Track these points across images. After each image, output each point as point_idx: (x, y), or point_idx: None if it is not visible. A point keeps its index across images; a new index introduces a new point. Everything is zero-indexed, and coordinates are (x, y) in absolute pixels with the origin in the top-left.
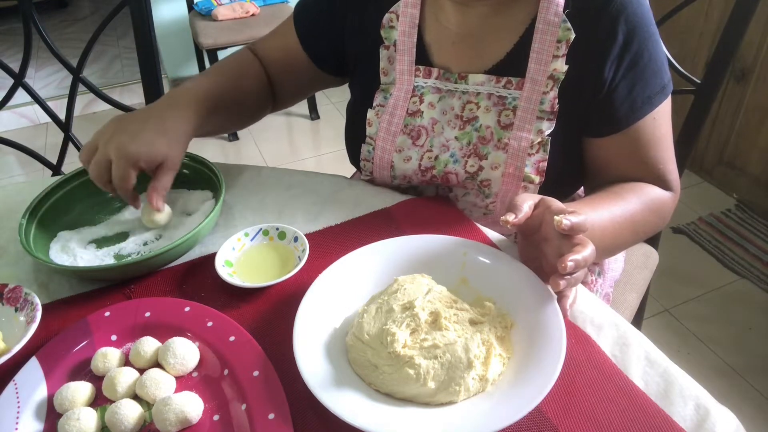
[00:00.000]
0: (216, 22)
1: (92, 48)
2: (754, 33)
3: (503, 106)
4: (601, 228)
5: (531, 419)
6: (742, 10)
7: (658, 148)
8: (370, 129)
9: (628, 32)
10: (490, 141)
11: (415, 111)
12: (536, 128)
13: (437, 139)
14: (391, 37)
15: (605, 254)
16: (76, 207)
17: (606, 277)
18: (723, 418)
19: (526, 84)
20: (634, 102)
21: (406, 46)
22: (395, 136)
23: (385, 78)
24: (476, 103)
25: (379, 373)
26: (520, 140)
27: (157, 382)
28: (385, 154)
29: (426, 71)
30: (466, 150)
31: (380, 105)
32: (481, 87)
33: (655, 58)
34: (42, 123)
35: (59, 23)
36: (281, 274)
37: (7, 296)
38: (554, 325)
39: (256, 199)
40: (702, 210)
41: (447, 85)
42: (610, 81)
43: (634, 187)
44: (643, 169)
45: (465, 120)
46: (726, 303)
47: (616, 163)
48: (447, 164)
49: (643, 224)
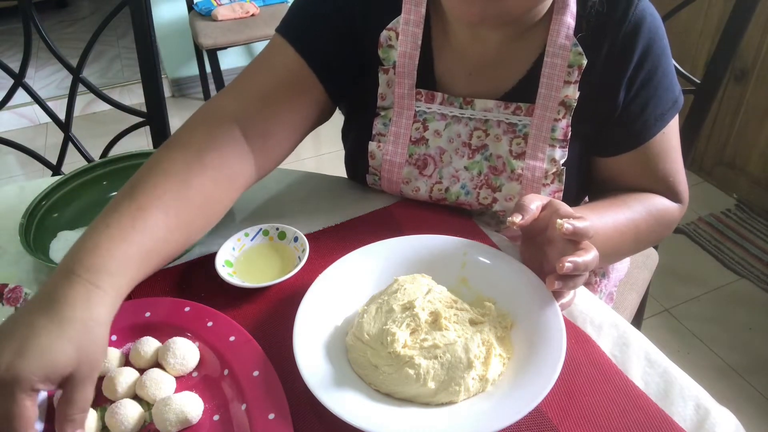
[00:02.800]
0: (216, 22)
1: (92, 48)
2: (754, 33)
3: (514, 133)
4: (604, 235)
5: (531, 419)
6: (742, 10)
7: (667, 160)
8: (374, 161)
9: (644, 49)
10: (503, 172)
11: (419, 138)
12: (549, 157)
13: (446, 170)
14: (390, 58)
15: (606, 261)
16: (76, 207)
17: (611, 277)
18: (723, 418)
19: (536, 110)
20: (647, 121)
21: (407, 69)
22: (400, 167)
23: (383, 102)
24: (485, 130)
25: (379, 373)
26: (534, 170)
27: (157, 382)
28: (392, 185)
29: (428, 96)
30: (477, 181)
31: (380, 134)
32: (490, 114)
33: (668, 72)
34: (42, 123)
35: (59, 23)
36: (281, 274)
37: (7, 296)
38: (554, 325)
39: (256, 199)
40: (702, 210)
41: (452, 111)
42: (623, 100)
43: (640, 197)
44: (653, 183)
45: (474, 148)
46: (726, 303)
47: (625, 177)
48: (459, 196)
49: (647, 234)
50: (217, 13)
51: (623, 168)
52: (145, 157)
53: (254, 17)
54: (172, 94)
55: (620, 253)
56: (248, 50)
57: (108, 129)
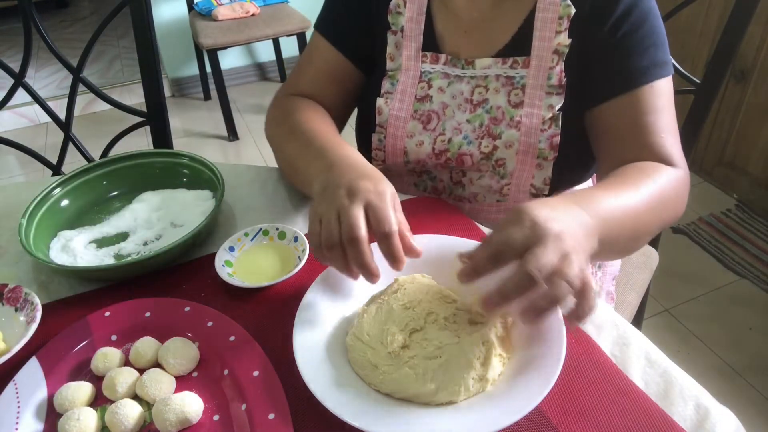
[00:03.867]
0: (216, 22)
1: (92, 48)
2: (754, 33)
3: (512, 86)
4: (610, 219)
5: (531, 419)
6: (742, 10)
7: (657, 116)
8: (380, 117)
9: (629, 5)
10: (502, 120)
11: (424, 96)
12: (546, 104)
13: (449, 123)
14: (398, 23)
15: (618, 245)
16: (76, 207)
17: (606, 271)
18: (723, 418)
19: (532, 61)
20: (632, 67)
21: (413, 33)
22: (406, 122)
23: (392, 64)
24: (485, 86)
25: (379, 373)
26: (532, 117)
27: (157, 382)
28: (396, 140)
29: (433, 57)
30: (479, 131)
31: (388, 92)
32: (489, 70)
33: (656, 32)
34: (42, 123)
35: (59, 23)
36: (281, 274)
37: (7, 296)
38: (554, 325)
39: (255, 199)
40: (702, 210)
41: (455, 71)
42: (606, 45)
43: (635, 174)
44: (644, 138)
45: (475, 103)
46: (726, 303)
47: (617, 130)
48: (461, 146)
49: (652, 208)
50: (217, 13)
51: (614, 121)
52: (145, 157)
53: (254, 17)
54: (172, 94)
55: (636, 230)
56: (248, 50)
57: (108, 129)
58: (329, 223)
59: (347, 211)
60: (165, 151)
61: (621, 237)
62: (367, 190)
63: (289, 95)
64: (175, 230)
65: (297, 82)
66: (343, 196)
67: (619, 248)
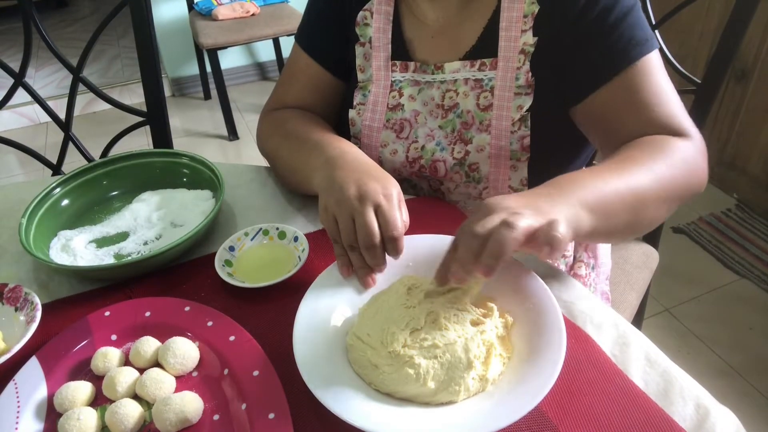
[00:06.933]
0: (216, 21)
1: (92, 48)
2: (754, 33)
3: (481, 88)
4: (602, 199)
5: (531, 419)
6: (742, 10)
7: (652, 92)
8: (354, 128)
9: None
10: (472, 125)
11: (395, 105)
12: (515, 105)
13: (421, 130)
14: (366, 34)
15: (618, 219)
16: (76, 207)
17: (599, 272)
18: (723, 418)
19: (499, 63)
20: (610, 51)
21: (381, 42)
22: (378, 132)
23: (362, 75)
24: (455, 90)
25: (379, 372)
26: (501, 119)
27: (157, 381)
28: (371, 150)
29: (403, 66)
30: (452, 137)
31: (360, 103)
32: (458, 74)
33: (629, 12)
34: (42, 123)
35: (59, 23)
36: (281, 274)
37: (7, 296)
38: (554, 325)
39: (255, 199)
40: (702, 210)
41: (425, 77)
42: (579, 37)
43: (633, 149)
44: (645, 114)
45: (446, 108)
46: (726, 303)
47: (615, 115)
48: (434, 153)
49: (656, 179)
50: (217, 13)
51: (608, 108)
52: (145, 157)
53: (254, 17)
54: (173, 94)
55: (611, 201)
56: (248, 50)
57: (108, 128)
58: (347, 227)
59: (362, 218)
60: (165, 151)
61: (617, 210)
62: (376, 192)
63: (275, 110)
64: (175, 230)
65: (281, 96)
66: (354, 198)
67: (623, 222)
